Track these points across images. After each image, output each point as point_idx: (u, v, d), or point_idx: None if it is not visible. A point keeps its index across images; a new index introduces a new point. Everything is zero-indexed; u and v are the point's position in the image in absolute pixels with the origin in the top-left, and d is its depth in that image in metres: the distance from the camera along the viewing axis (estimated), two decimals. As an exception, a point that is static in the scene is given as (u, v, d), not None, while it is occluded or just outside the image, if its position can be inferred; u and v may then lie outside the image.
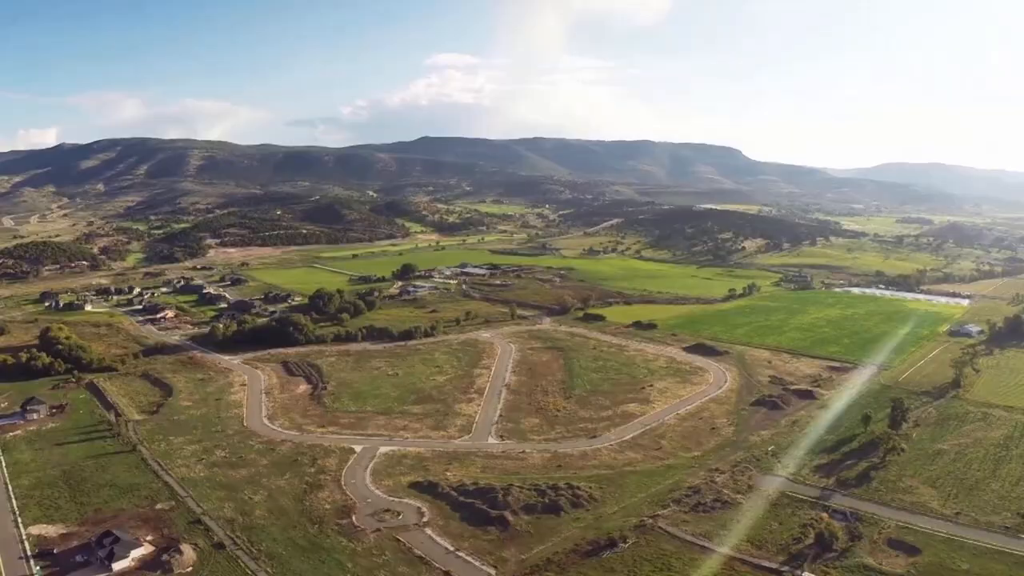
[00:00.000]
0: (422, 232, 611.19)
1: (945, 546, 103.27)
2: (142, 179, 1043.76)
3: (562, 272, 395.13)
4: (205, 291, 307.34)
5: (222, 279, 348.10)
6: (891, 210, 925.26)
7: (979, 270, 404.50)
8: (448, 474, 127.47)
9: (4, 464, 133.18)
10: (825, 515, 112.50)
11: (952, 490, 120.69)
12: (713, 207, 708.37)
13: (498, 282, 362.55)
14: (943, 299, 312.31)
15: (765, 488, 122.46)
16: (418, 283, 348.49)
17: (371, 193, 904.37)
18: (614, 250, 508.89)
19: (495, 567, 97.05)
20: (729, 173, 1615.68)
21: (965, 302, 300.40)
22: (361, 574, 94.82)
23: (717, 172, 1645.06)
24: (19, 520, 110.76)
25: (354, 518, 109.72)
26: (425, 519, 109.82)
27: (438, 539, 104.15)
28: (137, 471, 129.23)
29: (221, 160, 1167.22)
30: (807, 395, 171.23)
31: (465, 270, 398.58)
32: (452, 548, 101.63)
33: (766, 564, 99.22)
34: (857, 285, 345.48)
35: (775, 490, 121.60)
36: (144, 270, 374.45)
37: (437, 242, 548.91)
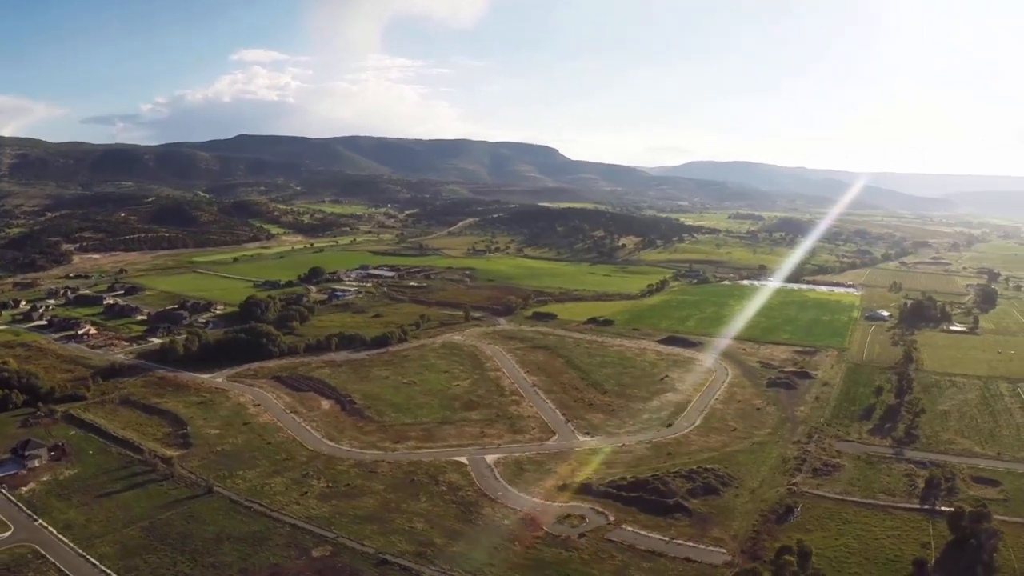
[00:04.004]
0: (284, 234, 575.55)
1: (1012, 476, 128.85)
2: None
3: (467, 272, 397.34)
4: (107, 302, 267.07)
5: (111, 288, 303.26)
6: (714, 207, 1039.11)
7: (841, 262, 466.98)
8: (580, 474, 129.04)
9: (53, 528, 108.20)
10: (912, 465, 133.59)
11: (979, 438, 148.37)
12: (572, 206, 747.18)
13: (414, 284, 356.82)
14: (835, 288, 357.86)
15: (849, 451, 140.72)
16: (338, 287, 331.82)
17: (201, 193, 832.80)
18: (497, 249, 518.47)
19: (720, 547, 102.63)
20: (549, 172, 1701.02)
21: (854, 291, 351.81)
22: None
23: (537, 171, 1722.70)
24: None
25: (545, 529, 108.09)
26: (612, 518, 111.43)
27: (645, 533, 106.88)
28: (240, 516, 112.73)
29: (35, 159, 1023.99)
30: (805, 376, 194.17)
31: (370, 272, 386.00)
32: (667, 539, 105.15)
33: (908, 505, 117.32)
34: (747, 278, 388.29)
35: (861, 452, 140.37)
36: (11, 280, 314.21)
37: (311, 244, 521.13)
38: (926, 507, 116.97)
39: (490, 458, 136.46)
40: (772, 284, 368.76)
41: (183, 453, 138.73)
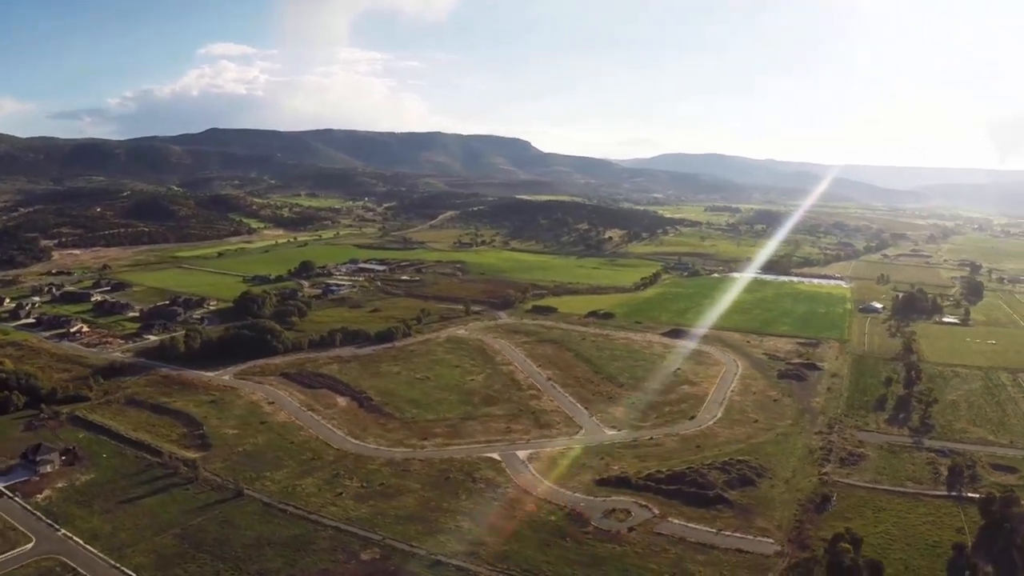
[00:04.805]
0: (265, 228, 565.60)
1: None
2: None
3: (458, 266, 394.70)
4: (95, 299, 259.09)
5: (96, 284, 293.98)
6: (689, 199, 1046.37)
7: (825, 255, 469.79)
8: (615, 468, 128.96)
9: (79, 539, 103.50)
10: (932, 454, 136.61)
11: (991, 427, 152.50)
12: (553, 198, 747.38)
13: (406, 278, 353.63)
14: (824, 281, 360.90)
15: (871, 441, 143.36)
16: (331, 282, 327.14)
17: (175, 187, 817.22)
18: (483, 242, 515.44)
19: (768, 537, 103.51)
20: (522, 164, 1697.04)
21: (844, 283, 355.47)
22: (669, 572, 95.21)
23: (510, 164, 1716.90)
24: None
25: (593, 524, 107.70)
26: (656, 512, 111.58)
27: (692, 526, 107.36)
28: (277, 520, 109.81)
29: (3, 154, 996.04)
30: (812, 367, 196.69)
31: (360, 266, 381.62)
32: (714, 531, 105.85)
33: (935, 493, 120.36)
34: (736, 271, 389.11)
35: (883, 442, 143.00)
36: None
37: (294, 238, 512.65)
38: (953, 494, 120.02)
39: (522, 454, 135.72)
40: (762, 277, 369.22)
41: (204, 455, 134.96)
